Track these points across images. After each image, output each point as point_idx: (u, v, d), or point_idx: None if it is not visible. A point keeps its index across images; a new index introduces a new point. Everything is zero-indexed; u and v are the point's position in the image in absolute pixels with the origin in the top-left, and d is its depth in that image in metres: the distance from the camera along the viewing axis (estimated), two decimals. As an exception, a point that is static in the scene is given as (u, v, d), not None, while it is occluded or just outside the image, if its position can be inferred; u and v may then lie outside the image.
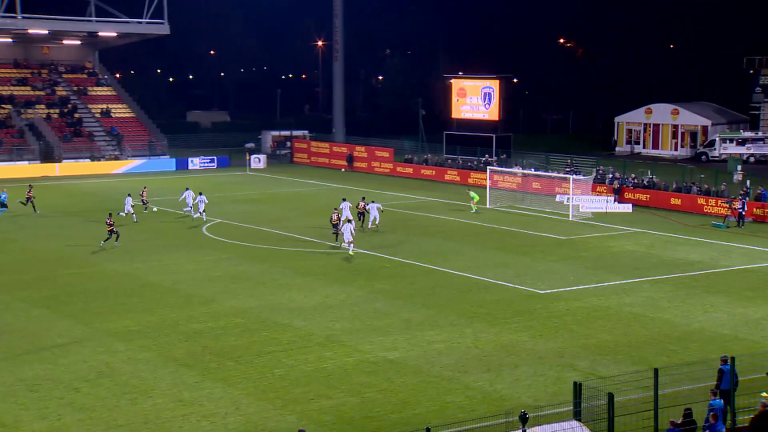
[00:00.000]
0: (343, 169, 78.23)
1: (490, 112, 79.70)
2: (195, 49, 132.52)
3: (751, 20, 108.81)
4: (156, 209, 53.96)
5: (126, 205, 50.02)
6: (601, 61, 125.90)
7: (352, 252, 40.77)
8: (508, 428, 18.51)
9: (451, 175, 69.61)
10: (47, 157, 75.97)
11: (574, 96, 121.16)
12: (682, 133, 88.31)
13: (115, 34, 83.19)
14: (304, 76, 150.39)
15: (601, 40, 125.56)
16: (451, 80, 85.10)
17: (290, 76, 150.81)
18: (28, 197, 53.26)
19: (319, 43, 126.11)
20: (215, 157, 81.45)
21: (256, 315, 31.01)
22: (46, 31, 79.50)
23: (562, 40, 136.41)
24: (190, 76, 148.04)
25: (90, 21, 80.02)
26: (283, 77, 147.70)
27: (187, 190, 52.18)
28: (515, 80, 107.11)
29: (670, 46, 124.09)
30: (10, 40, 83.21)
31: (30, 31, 78.50)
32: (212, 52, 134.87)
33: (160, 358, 26.41)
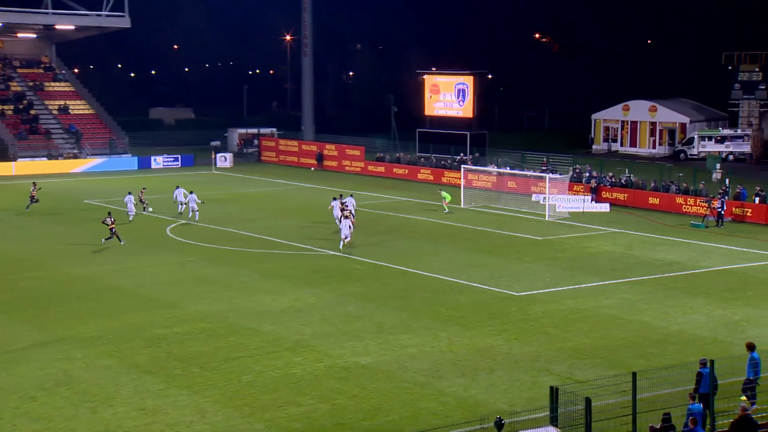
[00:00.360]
0: (313, 168, 77.42)
1: (464, 109, 79.26)
2: (157, 43, 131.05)
3: (730, 15, 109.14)
4: (151, 209, 52.71)
5: (129, 205, 49.09)
6: (577, 57, 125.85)
7: (342, 247, 41.26)
8: (483, 435, 18.32)
9: (425, 174, 69.04)
10: (1, 155, 74.37)
11: (550, 93, 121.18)
12: (660, 131, 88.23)
13: (73, 27, 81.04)
14: (271, 72, 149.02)
15: (577, 36, 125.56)
16: (423, 76, 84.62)
17: (257, 71, 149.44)
18: (31, 196, 53.17)
19: (287, 37, 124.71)
20: (179, 156, 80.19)
21: (223, 319, 30.50)
22: (0, 24, 77.39)
23: (537, 35, 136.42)
24: (153, 72, 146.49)
25: (46, 13, 77.73)
26: (250, 73, 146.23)
27: (178, 188, 51.88)
28: (490, 76, 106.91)
29: (648, 42, 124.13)
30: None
31: (-18, 24, 76.63)
32: (175, 47, 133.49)
33: (122, 365, 25.85)
